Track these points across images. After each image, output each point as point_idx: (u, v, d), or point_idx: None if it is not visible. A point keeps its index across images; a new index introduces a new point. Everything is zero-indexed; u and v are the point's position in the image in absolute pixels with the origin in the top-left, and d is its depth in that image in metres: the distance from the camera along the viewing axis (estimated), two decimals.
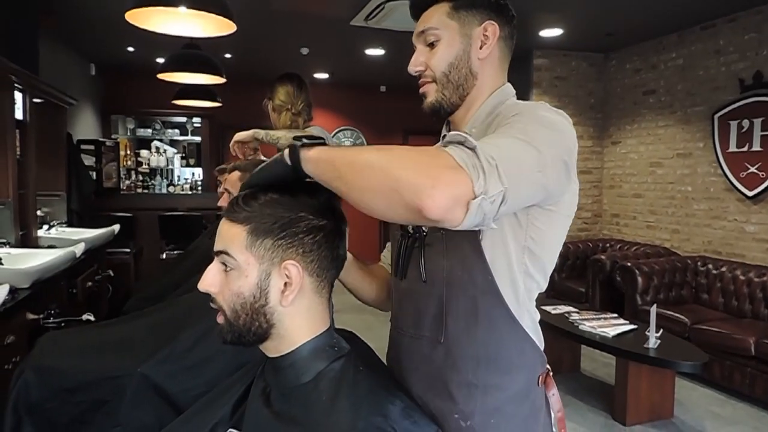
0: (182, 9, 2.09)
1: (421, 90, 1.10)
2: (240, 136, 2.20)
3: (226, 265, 0.91)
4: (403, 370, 1.06)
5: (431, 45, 1.07)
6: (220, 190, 2.36)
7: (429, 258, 1.01)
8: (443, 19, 1.05)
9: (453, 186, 0.74)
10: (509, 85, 1.11)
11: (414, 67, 1.09)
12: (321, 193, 0.94)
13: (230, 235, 0.90)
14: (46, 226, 3.79)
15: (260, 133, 2.20)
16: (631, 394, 3.38)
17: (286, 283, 0.89)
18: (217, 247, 0.91)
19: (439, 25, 1.05)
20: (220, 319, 0.92)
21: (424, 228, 1.03)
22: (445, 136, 1.13)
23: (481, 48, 1.06)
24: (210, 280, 0.91)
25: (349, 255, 1.12)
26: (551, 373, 1.07)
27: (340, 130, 8.29)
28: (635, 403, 3.39)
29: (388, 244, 1.27)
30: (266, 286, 0.89)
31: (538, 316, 1.04)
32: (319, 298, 0.94)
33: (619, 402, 3.44)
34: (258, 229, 0.89)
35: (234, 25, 2.27)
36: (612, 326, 3.53)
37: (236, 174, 2.10)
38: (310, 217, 0.91)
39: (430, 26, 1.06)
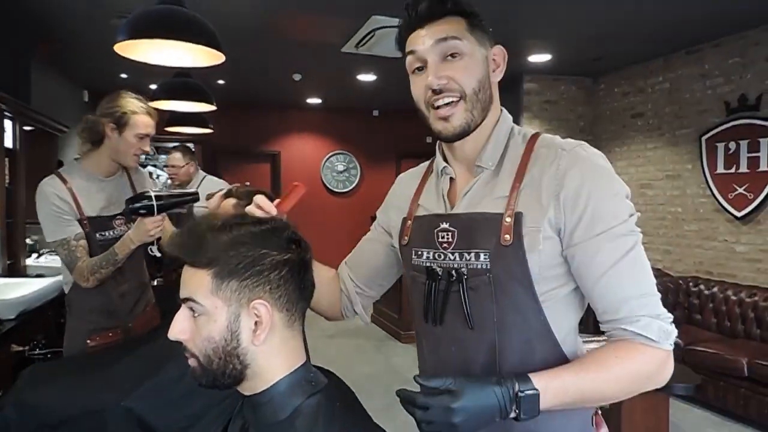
0: (170, 41, 2.10)
1: (444, 112, 0.96)
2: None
3: (193, 311, 0.88)
4: None
5: (452, 56, 0.95)
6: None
7: (474, 303, 0.94)
8: (464, 33, 0.96)
9: (670, 361, 0.92)
10: (505, 110, 1.05)
11: (437, 79, 0.95)
12: (282, 227, 0.93)
13: (194, 281, 0.87)
14: (35, 255, 3.76)
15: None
16: (625, 418, 3.34)
17: (256, 323, 0.87)
18: (182, 294, 0.89)
19: (461, 36, 0.95)
20: (192, 363, 0.90)
21: (463, 270, 0.96)
22: (447, 181, 1.06)
23: (494, 71, 1.00)
24: (179, 328, 0.89)
25: None
26: (600, 412, 1.03)
27: (333, 155, 8.32)
28: (629, 427, 3.35)
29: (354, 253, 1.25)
30: (237, 328, 0.87)
31: (585, 351, 1.03)
32: (292, 331, 0.93)
33: (613, 426, 3.41)
34: (222, 272, 0.86)
35: (222, 56, 2.28)
36: None
37: (231, 201, 1.94)
38: (273, 252, 0.89)
39: (453, 35, 0.95)
